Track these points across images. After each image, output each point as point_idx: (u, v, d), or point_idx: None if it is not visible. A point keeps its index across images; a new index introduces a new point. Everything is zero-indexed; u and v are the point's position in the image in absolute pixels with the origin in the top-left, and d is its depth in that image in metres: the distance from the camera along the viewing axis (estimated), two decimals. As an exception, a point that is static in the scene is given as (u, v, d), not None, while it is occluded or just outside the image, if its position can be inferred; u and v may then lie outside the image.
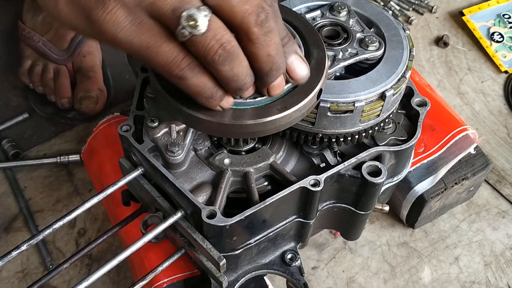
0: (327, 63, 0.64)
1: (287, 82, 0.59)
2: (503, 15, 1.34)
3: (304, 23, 0.67)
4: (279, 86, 0.57)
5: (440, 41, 1.31)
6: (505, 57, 1.28)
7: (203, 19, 0.47)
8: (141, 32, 0.49)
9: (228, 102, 0.57)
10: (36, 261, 0.97)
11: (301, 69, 0.58)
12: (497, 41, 1.30)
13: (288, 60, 0.57)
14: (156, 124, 0.70)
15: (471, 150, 0.93)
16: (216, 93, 0.54)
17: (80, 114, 1.14)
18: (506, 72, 1.26)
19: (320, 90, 0.62)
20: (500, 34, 1.31)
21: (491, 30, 1.32)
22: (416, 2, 1.38)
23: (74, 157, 1.07)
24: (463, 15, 1.36)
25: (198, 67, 0.51)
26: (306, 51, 0.65)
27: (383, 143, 0.76)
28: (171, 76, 0.52)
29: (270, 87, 0.57)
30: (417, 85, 0.82)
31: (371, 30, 0.75)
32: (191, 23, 0.47)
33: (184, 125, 0.71)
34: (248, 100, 0.59)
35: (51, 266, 0.95)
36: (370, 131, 0.73)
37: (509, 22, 1.33)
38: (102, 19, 0.48)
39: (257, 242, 0.72)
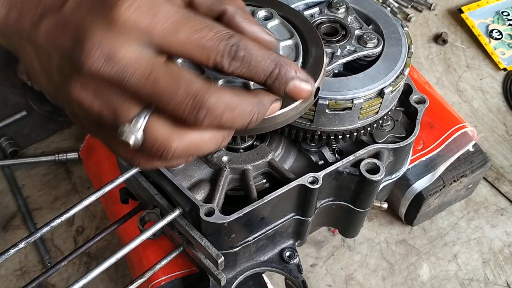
0: (325, 61, 0.64)
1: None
2: (502, 12, 1.34)
3: (302, 20, 0.67)
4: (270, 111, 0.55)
5: (439, 39, 1.31)
6: (504, 54, 1.28)
7: (136, 135, 0.48)
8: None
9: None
10: (34, 259, 0.97)
11: (305, 88, 0.53)
12: (496, 39, 1.30)
13: (288, 87, 0.52)
14: (154, 121, 0.70)
15: (470, 147, 0.93)
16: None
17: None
18: (505, 69, 1.26)
19: (318, 89, 0.62)
20: (499, 31, 1.31)
21: (490, 28, 1.32)
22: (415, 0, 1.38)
23: (73, 155, 1.07)
24: (462, 12, 1.36)
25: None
26: (304, 48, 0.64)
27: (381, 141, 0.76)
28: None
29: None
30: (416, 83, 0.82)
31: (370, 27, 0.75)
32: (125, 142, 0.48)
33: (182, 123, 0.71)
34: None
35: (49, 264, 0.95)
36: (369, 129, 0.73)
37: (508, 20, 1.33)
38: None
39: (255, 239, 0.72)
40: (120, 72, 0.47)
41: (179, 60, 0.56)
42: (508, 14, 1.34)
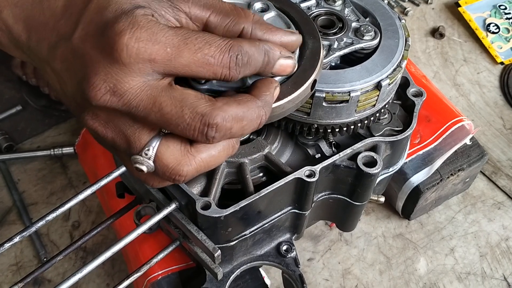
0: (322, 53, 0.63)
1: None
2: (499, 6, 1.34)
3: (299, 13, 0.66)
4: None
5: (436, 32, 1.31)
6: (501, 48, 1.28)
7: (148, 163, 0.51)
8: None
9: None
10: (30, 254, 0.97)
11: (289, 64, 0.56)
12: (493, 32, 1.30)
13: (274, 68, 0.55)
14: (149, 114, 0.69)
15: (467, 141, 0.93)
16: None
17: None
18: (502, 63, 1.26)
19: (314, 81, 0.62)
20: (496, 25, 1.31)
21: (487, 21, 1.32)
22: (412, -7, 1.38)
23: (68, 150, 1.07)
24: (459, 6, 1.35)
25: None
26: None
27: (378, 134, 0.75)
28: None
29: None
30: (413, 76, 0.81)
31: (367, 20, 0.74)
32: (139, 170, 0.52)
33: (178, 116, 0.70)
34: (241, 90, 0.59)
35: (45, 259, 0.95)
36: (366, 122, 0.72)
37: (505, 13, 1.33)
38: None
39: (252, 233, 0.72)
40: (126, 103, 0.48)
41: None
42: (505, 8, 1.34)
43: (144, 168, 0.51)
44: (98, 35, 0.48)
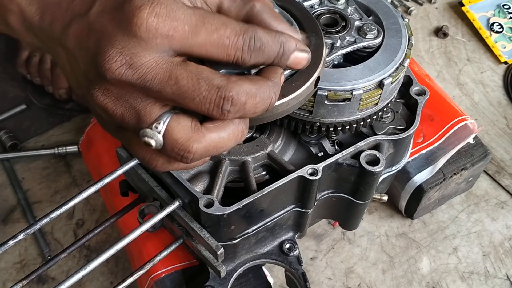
0: (325, 51, 0.64)
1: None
2: (503, 5, 1.34)
3: (302, 11, 0.67)
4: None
5: (440, 32, 1.31)
6: (504, 47, 1.28)
7: (157, 137, 0.51)
8: (119, 137, 0.57)
9: None
10: (34, 252, 0.97)
11: (304, 57, 0.57)
12: (497, 32, 1.30)
13: (289, 60, 0.56)
14: (153, 113, 0.70)
15: (470, 140, 0.93)
16: None
17: (78, 105, 1.14)
18: (505, 62, 1.26)
19: (318, 78, 0.62)
20: (499, 24, 1.31)
21: (491, 21, 1.31)
22: (416, -7, 1.38)
23: (72, 148, 1.07)
24: (463, 5, 1.35)
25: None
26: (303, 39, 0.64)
27: (381, 132, 0.75)
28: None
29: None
30: (416, 75, 0.81)
31: (370, 18, 0.74)
32: (147, 145, 0.51)
33: (181, 114, 0.71)
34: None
35: (49, 257, 0.95)
36: (368, 120, 0.72)
37: (509, 13, 1.32)
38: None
39: (255, 231, 0.72)
40: (142, 77, 0.49)
41: None
42: (509, 7, 1.33)
43: (153, 142, 0.50)
44: (116, 10, 0.49)
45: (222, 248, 0.66)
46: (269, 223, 0.72)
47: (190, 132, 0.51)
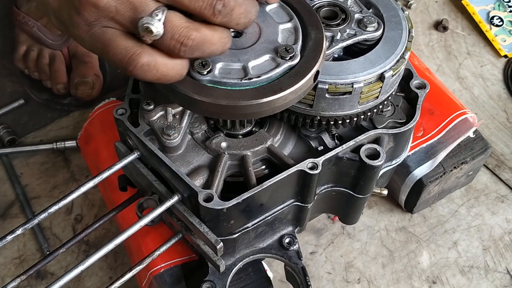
0: (325, 44, 0.63)
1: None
2: (503, -1, 1.33)
3: (301, 4, 0.66)
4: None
5: (440, 25, 1.30)
6: (504, 41, 1.27)
7: (158, 24, 0.51)
8: (96, 41, 0.54)
9: None
10: (33, 247, 0.97)
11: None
12: (497, 25, 1.29)
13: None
14: (151, 107, 0.69)
15: (470, 134, 0.93)
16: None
17: (76, 100, 1.13)
18: (505, 56, 1.25)
19: (317, 72, 0.61)
20: (499, 18, 1.30)
21: (491, 14, 1.31)
22: (415, -14, 1.37)
23: (71, 143, 1.07)
24: (463, -1, 1.35)
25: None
26: (304, 32, 0.64)
27: (381, 126, 0.75)
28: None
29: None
30: (416, 69, 0.81)
31: (370, 11, 0.74)
32: (148, 30, 0.51)
33: (180, 108, 0.70)
34: (243, 81, 0.59)
35: (47, 252, 0.95)
36: (369, 114, 0.72)
37: (509, 6, 1.32)
38: (73, 35, 0.56)
39: (254, 226, 0.71)
40: None
41: None
42: (509, 1, 1.33)
43: (154, 29, 0.51)
44: None
45: (222, 243, 0.66)
46: (268, 218, 0.72)
47: (188, 22, 0.53)
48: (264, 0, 0.63)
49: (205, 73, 0.59)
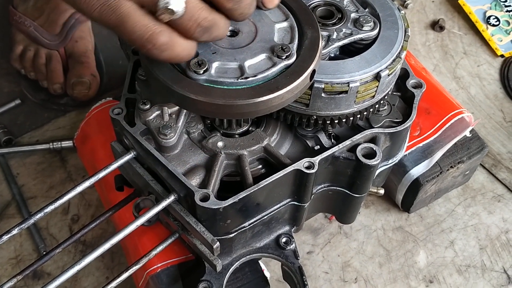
0: (321, 43, 0.63)
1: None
2: (500, -2, 1.34)
3: (297, 3, 0.66)
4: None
5: (436, 25, 1.30)
6: (501, 41, 1.27)
7: (179, 3, 0.51)
8: (110, 14, 0.52)
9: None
10: (29, 248, 0.97)
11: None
12: (493, 25, 1.29)
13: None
14: (148, 106, 0.69)
15: (467, 133, 0.93)
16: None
17: (72, 100, 1.13)
18: (502, 56, 1.25)
19: (313, 71, 0.61)
20: (496, 17, 1.30)
21: (487, 14, 1.31)
22: (412, -14, 1.37)
23: (67, 143, 1.07)
24: (459, -2, 1.35)
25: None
26: (299, 31, 0.64)
27: (378, 125, 0.75)
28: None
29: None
30: (413, 69, 0.81)
31: (366, 10, 0.74)
32: (169, 9, 0.51)
33: (176, 108, 0.70)
34: (240, 80, 0.59)
35: (44, 252, 0.95)
36: (365, 113, 0.72)
37: (505, 6, 1.32)
38: (82, 3, 0.53)
39: (251, 225, 0.71)
40: None
41: None
42: (506, 1, 1.33)
43: (175, 8, 0.51)
44: None
45: (218, 242, 0.66)
46: (265, 217, 0.72)
47: (205, 5, 0.53)
48: (261, 2, 0.62)
49: (201, 72, 0.59)
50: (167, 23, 0.53)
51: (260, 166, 0.73)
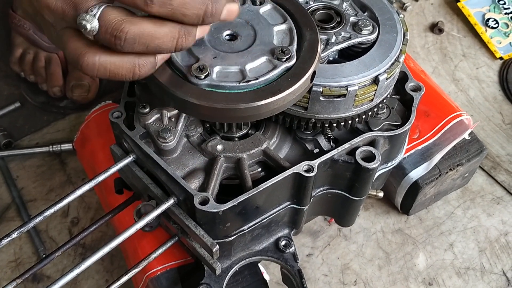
0: (320, 44, 0.63)
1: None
2: (498, 1, 1.34)
3: (296, 6, 0.66)
4: (229, 12, 0.56)
5: (435, 28, 1.31)
6: (500, 43, 1.28)
7: (92, 21, 0.52)
8: (59, 43, 0.57)
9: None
10: (29, 251, 0.97)
11: (234, 9, 0.56)
12: (492, 27, 1.30)
13: (222, 16, 0.55)
14: (147, 110, 0.69)
15: (466, 136, 0.93)
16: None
17: (72, 102, 1.13)
18: (501, 58, 1.26)
19: (314, 73, 0.62)
20: (495, 20, 1.31)
21: (486, 16, 1.31)
22: (411, -11, 1.38)
23: (67, 146, 1.07)
24: (458, 1, 1.35)
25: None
26: (298, 33, 0.64)
27: (377, 128, 0.75)
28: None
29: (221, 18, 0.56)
30: (412, 71, 0.81)
31: (365, 14, 0.74)
32: (83, 27, 0.52)
33: (176, 111, 0.70)
34: (241, 84, 0.59)
35: (43, 255, 0.95)
36: (364, 116, 0.72)
37: (504, 8, 1.32)
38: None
39: (250, 228, 0.71)
40: None
41: None
42: (505, 3, 1.33)
43: (88, 25, 0.52)
44: None
45: (218, 246, 0.66)
46: (264, 220, 0.72)
47: (124, 16, 0.53)
48: None
49: (202, 77, 0.59)
50: (95, 42, 0.54)
51: (260, 169, 0.73)
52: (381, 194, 0.91)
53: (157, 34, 0.53)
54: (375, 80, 0.68)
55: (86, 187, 0.67)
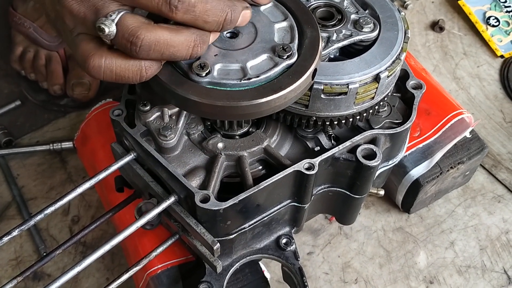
0: (321, 41, 0.63)
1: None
2: (499, -1, 1.34)
3: (297, 4, 0.66)
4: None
5: (436, 26, 1.30)
6: (501, 41, 1.27)
7: (111, 25, 0.53)
8: (75, 47, 0.57)
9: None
10: (29, 249, 0.97)
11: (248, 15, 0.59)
12: (493, 26, 1.30)
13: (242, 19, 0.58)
14: (148, 107, 0.69)
15: (467, 134, 0.93)
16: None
17: (73, 101, 1.13)
18: (502, 56, 1.25)
19: (315, 70, 0.62)
20: (496, 18, 1.30)
21: (487, 15, 1.31)
22: (412, -13, 1.38)
23: (67, 144, 1.07)
24: (459, -1, 1.35)
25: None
26: (299, 30, 0.64)
27: (378, 126, 0.75)
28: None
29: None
30: (413, 70, 0.81)
31: (366, 12, 0.74)
32: (100, 30, 0.53)
33: (176, 109, 0.70)
34: (243, 82, 0.59)
35: (44, 254, 0.95)
36: (365, 114, 0.72)
37: (505, 6, 1.32)
38: (66, 43, 0.60)
39: (251, 226, 0.71)
40: None
41: None
42: (505, 1, 1.33)
43: (106, 29, 0.53)
44: None
45: (218, 243, 0.66)
46: (265, 218, 0.72)
47: (141, 24, 0.54)
48: (253, 1, 0.62)
49: (203, 75, 0.59)
50: (112, 46, 0.55)
51: (260, 167, 0.73)
52: (382, 192, 0.91)
53: (173, 42, 0.54)
54: (376, 78, 0.68)
55: (86, 185, 0.67)
